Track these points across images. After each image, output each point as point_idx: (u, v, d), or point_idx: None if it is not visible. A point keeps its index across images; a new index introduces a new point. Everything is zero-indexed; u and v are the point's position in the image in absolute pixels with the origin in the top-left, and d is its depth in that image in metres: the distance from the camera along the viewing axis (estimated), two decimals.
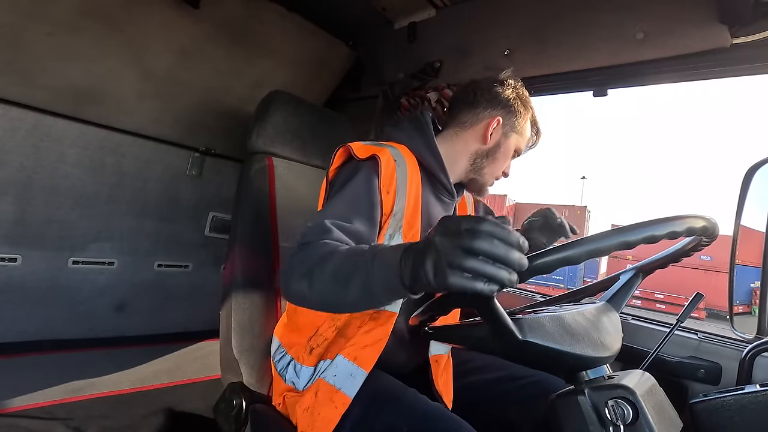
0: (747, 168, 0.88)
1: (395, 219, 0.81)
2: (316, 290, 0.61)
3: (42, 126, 1.57)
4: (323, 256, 0.63)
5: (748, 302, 0.87)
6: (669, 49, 1.14)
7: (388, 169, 0.81)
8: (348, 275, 0.58)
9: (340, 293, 0.59)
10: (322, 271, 0.61)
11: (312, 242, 0.68)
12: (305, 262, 0.64)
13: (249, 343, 1.02)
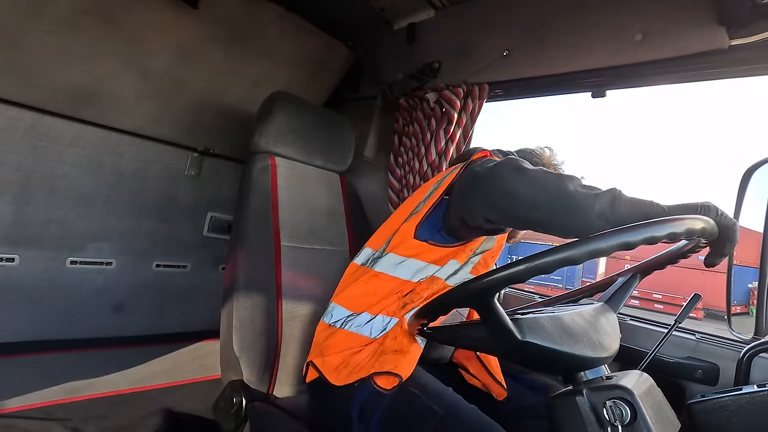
0: (745, 169, 0.88)
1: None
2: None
3: (40, 125, 1.57)
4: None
5: (746, 303, 0.87)
6: (667, 50, 1.14)
7: None
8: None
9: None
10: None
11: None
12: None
13: (250, 341, 1.02)
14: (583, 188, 0.71)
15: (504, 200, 0.79)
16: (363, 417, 0.80)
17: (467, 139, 1.54)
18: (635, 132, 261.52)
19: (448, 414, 0.72)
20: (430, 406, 0.74)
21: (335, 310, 0.97)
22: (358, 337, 0.90)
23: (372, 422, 0.78)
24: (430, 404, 0.74)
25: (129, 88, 1.63)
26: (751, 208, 0.86)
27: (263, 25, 1.65)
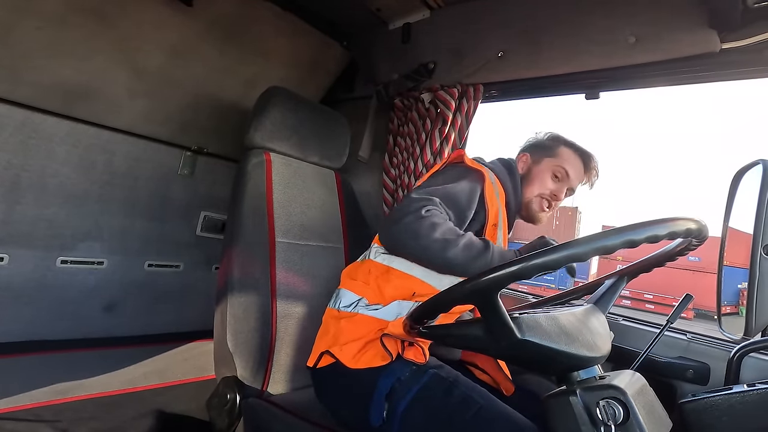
0: (735, 171, 0.89)
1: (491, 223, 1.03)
2: (451, 255, 0.87)
3: (30, 123, 1.55)
4: (453, 233, 0.89)
5: (736, 303, 0.88)
6: (660, 53, 1.15)
7: (491, 187, 1.03)
8: (473, 261, 0.87)
9: (465, 268, 0.88)
10: (456, 245, 0.87)
11: (431, 210, 0.90)
12: (437, 229, 0.88)
13: (244, 337, 1.02)
14: (463, 252, 0.88)
15: (391, 244, 0.96)
16: (391, 397, 0.80)
17: (462, 140, 1.55)
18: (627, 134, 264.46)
19: (486, 405, 0.73)
20: (470, 395, 0.76)
21: (344, 296, 0.98)
22: (375, 321, 0.91)
23: (400, 406, 0.78)
24: (470, 393, 0.76)
25: (122, 86, 1.61)
26: (741, 210, 0.87)
27: (258, 23, 1.64)
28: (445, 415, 0.75)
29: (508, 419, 0.72)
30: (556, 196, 1.11)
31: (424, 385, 0.79)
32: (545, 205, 1.13)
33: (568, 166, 1.11)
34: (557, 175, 1.12)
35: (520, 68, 1.42)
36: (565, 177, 1.11)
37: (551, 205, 1.13)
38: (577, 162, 1.13)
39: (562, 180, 1.12)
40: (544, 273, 0.51)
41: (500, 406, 0.75)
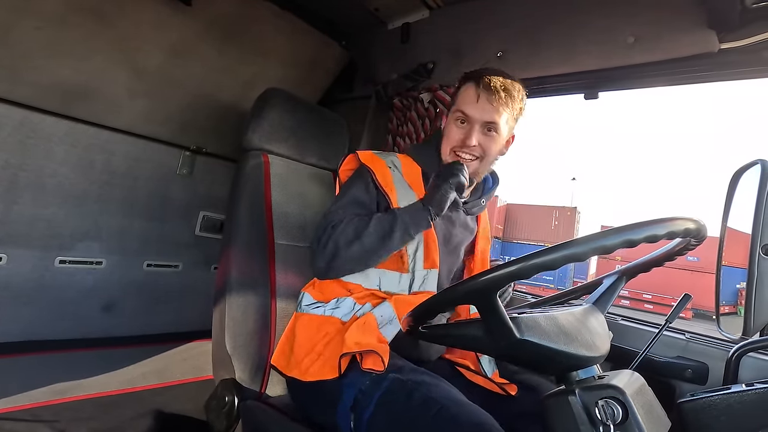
0: (733, 171, 0.89)
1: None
2: (367, 245, 0.91)
3: (29, 123, 1.54)
4: (361, 224, 0.92)
5: (734, 303, 0.88)
6: (658, 53, 1.16)
7: (384, 174, 1.02)
8: (389, 232, 0.91)
9: (386, 241, 0.91)
10: (368, 232, 0.91)
11: (342, 220, 0.94)
12: (347, 232, 0.92)
13: (243, 339, 1.02)
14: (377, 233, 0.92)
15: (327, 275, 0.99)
16: (355, 408, 0.80)
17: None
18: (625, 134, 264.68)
19: (447, 404, 0.73)
20: (431, 396, 0.75)
21: (304, 298, 1.02)
22: (327, 321, 0.94)
23: (365, 414, 0.78)
24: (430, 395, 0.75)
25: (121, 86, 1.61)
26: (740, 210, 0.87)
27: (257, 23, 1.64)
28: (407, 419, 0.75)
29: (470, 416, 0.71)
30: (464, 142, 0.99)
31: (386, 391, 0.78)
32: (460, 158, 1.02)
33: (463, 105, 1.00)
34: (459, 120, 1.01)
35: (519, 68, 1.41)
36: (465, 117, 1.00)
37: (467, 153, 1.01)
38: (470, 92, 1.00)
39: (465, 122, 1.00)
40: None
41: (462, 404, 0.74)
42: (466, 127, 1.00)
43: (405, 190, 1.01)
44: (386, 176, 1.01)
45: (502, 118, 0.98)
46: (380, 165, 1.03)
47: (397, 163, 1.07)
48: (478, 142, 0.99)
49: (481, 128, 0.99)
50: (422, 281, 0.97)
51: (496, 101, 0.97)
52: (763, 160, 0.80)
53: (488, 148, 1.00)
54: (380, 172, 1.02)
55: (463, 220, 1.10)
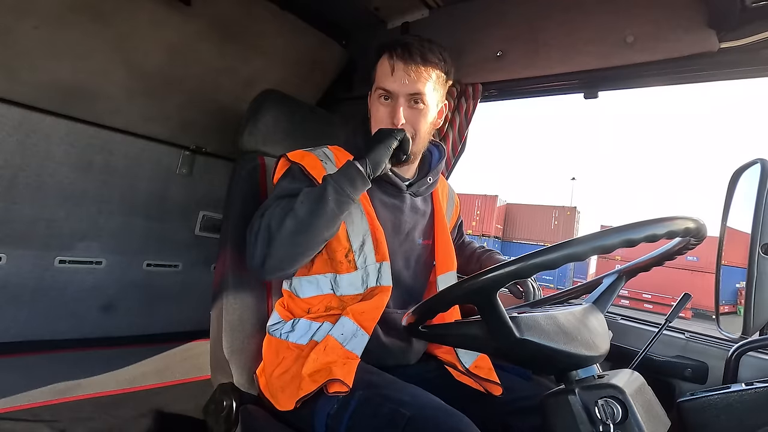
0: (733, 171, 0.90)
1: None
2: (301, 215, 0.80)
3: (28, 122, 1.54)
4: (291, 200, 0.84)
5: (734, 302, 0.88)
6: (658, 52, 1.15)
7: (312, 162, 0.94)
8: (321, 194, 0.81)
9: (320, 205, 0.80)
10: (299, 201, 0.82)
11: (269, 205, 0.86)
12: (277, 212, 0.83)
13: (240, 343, 1.01)
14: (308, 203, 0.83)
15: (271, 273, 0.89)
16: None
17: (462, 139, 1.55)
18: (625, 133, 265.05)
19: (414, 414, 0.69)
20: (397, 409, 0.71)
21: (272, 316, 0.99)
22: (282, 345, 0.90)
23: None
24: (396, 407, 0.72)
25: (120, 85, 1.61)
26: (739, 210, 0.87)
27: (257, 23, 1.64)
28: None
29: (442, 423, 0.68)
30: (391, 119, 0.91)
31: (353, 412, 0.75)
32: None
33: (382, 80, 0.91)
34: (381, 96, 0.92)
35: (518, 68, 1.42)
36: (387, 92, 0.91)
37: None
38: (385, 65, 0.91)
39: (389, 98, 0.92)
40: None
41: (433, 410, 0.71)
42: (390, 103, 0.91)
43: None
44: (316, 166, 0.93)
45: (426, 86, 0.90)
46: (310, 158, 0.95)
47: (329, 153, 0.99)
48: (405, 119, 0.90)
49: (406, 102, 0.90)
50: (377, 276, 0.90)
51: (415, 69, 0.88)
52: (762, 160, 0.80)
53: (418, 123, 0.92)
54: (310, 164, 0.93)
55: (412, 204, 1.01)
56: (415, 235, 1.01)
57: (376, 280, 0.90)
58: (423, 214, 1.03)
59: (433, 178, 1.02)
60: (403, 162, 0.92)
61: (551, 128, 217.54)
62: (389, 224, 0.96)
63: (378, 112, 0.92)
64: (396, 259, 0.96)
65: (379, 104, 0.92)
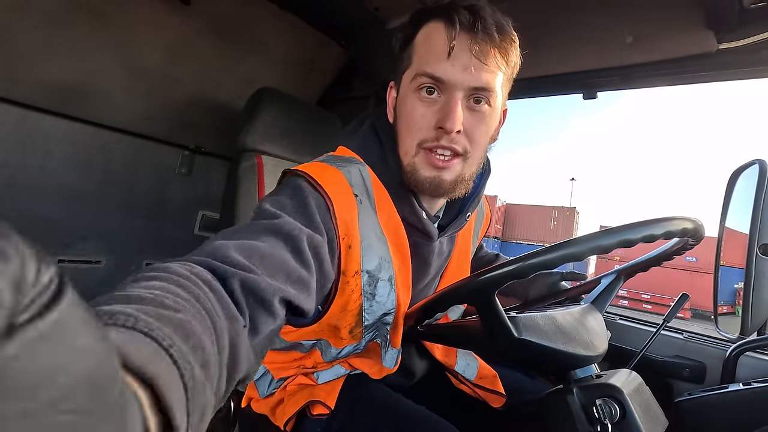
0: (731, 171, 0.90)
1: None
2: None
3: (27, 122, 1.54)
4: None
5: (732, 303, 0.89)
6: (657, 53, 1.16)
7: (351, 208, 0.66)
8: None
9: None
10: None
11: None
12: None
13: None
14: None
15: None
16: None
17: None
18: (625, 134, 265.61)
19: (393, 428, 0.66)
20: (376, 425, 0.66)
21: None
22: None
23: None
24: (376, 423, 0.67)
25: (119, 85, 1.61)
26: (738, 210, 0.87)
27: (256, 22, 1.64)
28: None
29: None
30: (441, 127, 0.59)
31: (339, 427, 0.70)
32: (434, 158, 0.61)
33: (431, 62, 0.59)
34: (424, 88, 0.61)
35: (517, 68, 1.42)
36: (436, 83, 0.60)
37: (446, 149, 0.61)
38: (440, 38, 0.59)
39: (436, 91, 0.60)
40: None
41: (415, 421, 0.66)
42: (439, 100, 0.60)
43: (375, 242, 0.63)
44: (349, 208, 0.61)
45: (497, 78, 0.62)
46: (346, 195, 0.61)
47: (366, 182, 0.65)
48: (464, 126, 0.60)
49: (466, 100, 0.61)
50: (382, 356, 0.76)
51: (488, 50, 0.59)
52: (760, 160, 0.80)
53: (478, 134, 0.62)
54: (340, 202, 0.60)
55: (439, 249, 0.77)
56: (435, 284, 0.82)
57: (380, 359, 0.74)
58: (447, 256, 0.81)
59: (471, 211, 0.76)
60: (444, 196, 0.66)
61: (551, 128, 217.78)
62: (418, 285, 0.76)
63: (416, 111, 0.61)
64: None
65: (420, 99, 0.61)
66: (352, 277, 0.62)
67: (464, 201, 0.75)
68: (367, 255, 0.62)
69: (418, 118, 0.60)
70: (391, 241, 0.66)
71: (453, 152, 0.61)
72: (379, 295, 0.65)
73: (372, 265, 0.62)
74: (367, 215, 0.62)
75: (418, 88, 0.61)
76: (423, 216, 0.67)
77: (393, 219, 0.67)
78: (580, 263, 15.29)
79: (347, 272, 0.61)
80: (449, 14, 0.57)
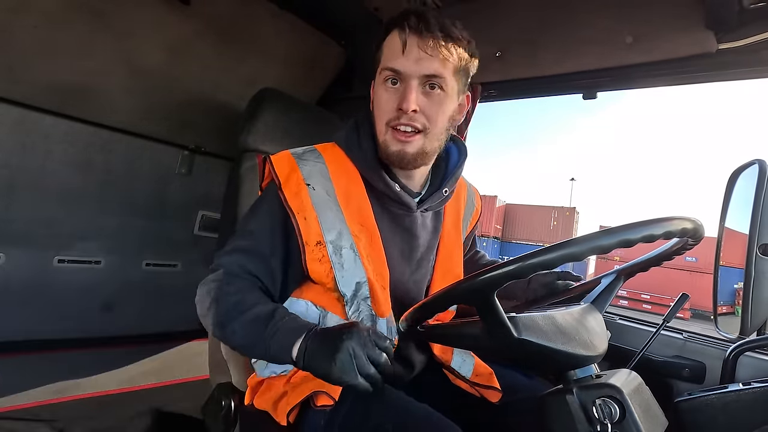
0: (731, 171, 0.90)
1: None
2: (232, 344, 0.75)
3: (27, 122, 1.54)
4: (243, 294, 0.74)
5: (732, 303, 0.89)
6: (657, 53, 1.16)
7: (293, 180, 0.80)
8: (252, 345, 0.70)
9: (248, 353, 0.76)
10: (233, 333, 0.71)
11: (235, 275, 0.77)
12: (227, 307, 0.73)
13: None
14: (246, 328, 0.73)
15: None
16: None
17: (462, 139, 1.55)
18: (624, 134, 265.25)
19: (398, 424, 0.67)
20: (380, 422, 0.68)
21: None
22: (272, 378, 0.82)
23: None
24: (379, 420, 0.68)
25: (119, 85, 1.61)
26: (737, 210, 0.87)
27: (256, 22, 1.64)
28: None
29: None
30: (400, 108, 0.73)
31: (339, 426, 0.71)
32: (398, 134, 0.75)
33: (390, 59, 0.74)
34: (388, 79, 0.75)
35: (518, 68, 1.42)
36: (395, 74, 0.74)
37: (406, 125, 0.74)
38: (395, 41, 0.74)
39: (397, 81, 0.74)
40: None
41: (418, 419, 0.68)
42: (399, 88, 0.74)
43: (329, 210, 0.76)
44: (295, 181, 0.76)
45: (447, 66, 0.74)
46: (293, 172, 0.77)
47: (318, 157, 0.80)
48: (419, 107, 0.73)
49: (420, 86, 0.73)
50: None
51: (434, 44, 0.72)
52: (760, 161, 0.80)
53: (434, 114, 0.74)
54: (285, 176, 0.77)
55: (423, 222, 0.85)
56: (430, 259, 0.87)
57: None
58: (435, 232, 0.88)
59: (449, 188, 0.86)
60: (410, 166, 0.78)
61: (551, 129, 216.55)
62: (397, 252, 0.81)
63: (382, 98, 0.75)
64: (407, 297, 0.83)
65: (385, 89, 0.75)
66: (315, 246, 0.74)
67: (443, 179, 0.86)
68: (325, 226, 0.75)
69: (384, 103, 0.75)
70: (351, 213, 0.77)
71: (414, 129, 0.75)
72: (347, 263, 0.75)
73: (332, 235, 0.75)
74: (322, 194, 0.77)
75: (384, 80, 0.75)
76: (396, 187, 0.79)
77: (356, 195, 0.79)
78: (579, 263, 15.27)
79: (309, 242, 0.74)
80: (402, 21, 0.74)
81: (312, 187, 0.77)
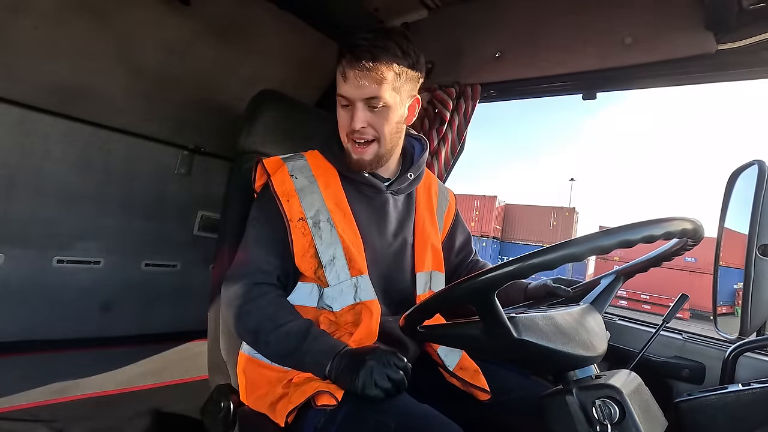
0: (731, 172, 0.90)
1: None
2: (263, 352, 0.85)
3: (27, 122, 1.54)
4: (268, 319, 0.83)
5: (732, 303, 0.89)
6: (656, 53, 1.16)
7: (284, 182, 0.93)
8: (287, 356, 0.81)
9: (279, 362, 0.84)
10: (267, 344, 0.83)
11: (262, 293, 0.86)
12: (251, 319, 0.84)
13: (237, 344, 1.01)
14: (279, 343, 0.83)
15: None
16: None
17: (461, 140, 1.55)
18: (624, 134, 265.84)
19: (400, 424, 0.68)
20: (382, 421, 0.70)
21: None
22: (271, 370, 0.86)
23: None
24: (381, 419, 0.70)
25: (118, 85, 1.61)
26: (737, 211, 0.88)
27: (256, 23, 1.64)
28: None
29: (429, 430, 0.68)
30: (350, 125, 0.88)
31: (340, 425, 0.73)
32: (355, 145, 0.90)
33: (339, 86, 0.88)
34: (341, 104, 0.90)
35: (517, 68, 1.42)
36: (345, 99, 0.88)
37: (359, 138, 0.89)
38: (340, 71, 0.87)
39: (347, 105, 0.88)
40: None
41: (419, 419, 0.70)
42: (349, 109, 0.88)
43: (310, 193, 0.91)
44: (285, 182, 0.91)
45: (382, 88, 0.84)
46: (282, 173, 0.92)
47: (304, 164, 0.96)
48: (367, 123, 0.87)
49: (364, 106, 0.86)
50: (354, 292, 0.86)
51: (366, 73, 0.83)
52: (759, 161, 0.80)
53: (380, 126, 0.88)
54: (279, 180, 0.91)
55: (395, 203, 0.98)
56: (407, 235, 0.98)
57: (353, 297, 0.86)
58: (410, 213, 1.01)
59: (414, 173, 0.99)
60: (369, 169, 0.93)
61: (550, 129, 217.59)
62: (374, 228, 0.93)
63: (340, 117, 0.91)
64: (385, 263, 0.93)
65: (341, 110, 0.90)
66: (298, 221, 0.88)
67: (410, 166, 1.01)
68: (306, 205, 0.89)
69: (342, 120, 0.91)
70: (329, 196, 0.92)
71: (365, 140, 0.89)
72: (324, 233, 0.88)
73: (312, 212, 0.89)
74: (304, 182, 0.92)
75: (340, 104, 0.90)
76: (365, 174, 0.94)
77: (333, 184, 0.94)
78: (579, 264, 15.31)
79: (293, 219, 0.88)
80: (343, 53, 0.86)
81: (295, 177, 0.92)
